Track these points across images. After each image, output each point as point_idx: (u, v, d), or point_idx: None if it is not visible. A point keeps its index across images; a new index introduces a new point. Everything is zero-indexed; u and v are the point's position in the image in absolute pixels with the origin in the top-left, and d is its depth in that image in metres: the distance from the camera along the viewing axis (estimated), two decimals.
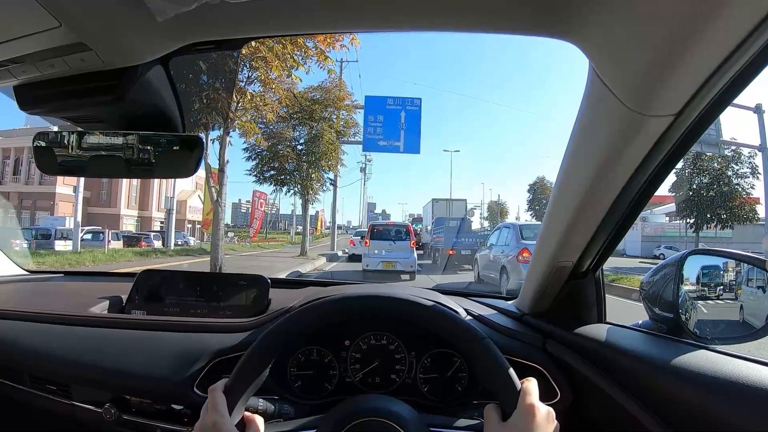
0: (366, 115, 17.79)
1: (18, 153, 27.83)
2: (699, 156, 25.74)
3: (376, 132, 17.72)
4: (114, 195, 30.76)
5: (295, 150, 16.29)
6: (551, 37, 0.56)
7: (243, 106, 9.12)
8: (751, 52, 0.46)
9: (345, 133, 17.37)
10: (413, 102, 18.12)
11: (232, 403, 0.64)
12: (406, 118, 17.79)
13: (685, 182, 25.51)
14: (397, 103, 17.99)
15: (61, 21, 0.54)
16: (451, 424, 0.73)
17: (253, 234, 25.30)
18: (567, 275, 0.92)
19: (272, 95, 9.71)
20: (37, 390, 1.03)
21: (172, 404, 0.94)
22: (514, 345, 0.94)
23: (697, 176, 25.95)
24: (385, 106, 17.89)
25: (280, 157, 15.95)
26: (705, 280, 0.83)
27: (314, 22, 0.62)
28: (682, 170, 25.61)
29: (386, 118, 17.72)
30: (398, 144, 17.82)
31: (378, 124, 17.73)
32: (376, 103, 17.93)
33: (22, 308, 1.12)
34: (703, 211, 24.19)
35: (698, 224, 24.84)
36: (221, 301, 1.17)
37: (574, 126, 0.69)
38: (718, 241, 22.50)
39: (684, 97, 0.53)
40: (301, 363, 0.97)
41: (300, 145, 16.46)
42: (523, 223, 10.39)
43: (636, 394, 0.73)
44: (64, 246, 16.45)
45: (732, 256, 0.83)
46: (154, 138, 0.77)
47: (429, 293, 1.09)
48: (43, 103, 0.72)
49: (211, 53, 0.82)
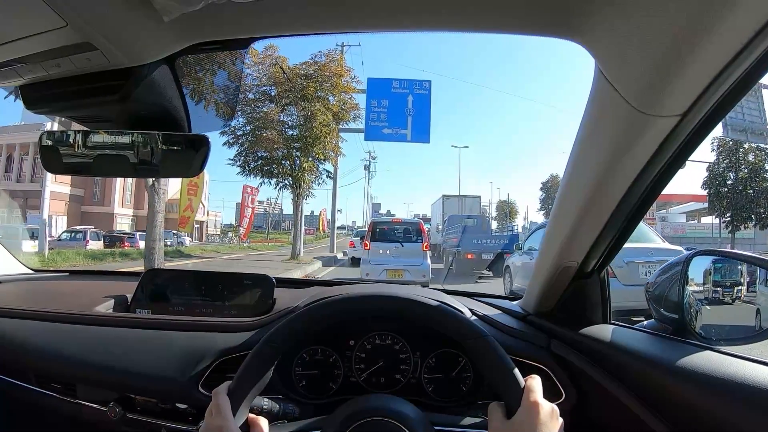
0: (368, 100, 15.87)
1: (9, 150, 27.34)
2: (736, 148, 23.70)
3: (380, 118, 15.84)
4: (107, 193, 29.98)
5: (284, 134, 14.08)
6: (557, 37, 0.56)
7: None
8: (757, 53, 0.46)
9: (343, 117, 15.14)
10: (422, 85, 16.14)
11: (236, 406, 0.65)
12: (414, 103, 15.97)
13: (719, 178, 23.77)
14: (403, 86, 16.06)
15: (68, 21, 0.54)
16: (456, 424, 0.74)
17: (243, 234, 23.23)
18: (572, 275, 0.91)
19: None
20: (42, 389, 1.03)
21: (176, 403, 0.94)
22: (518, 345, 0.94)
23: (733, 171, 24.07)
24: (390, 90, 16.00)
25: (264, 142, 13.66)
26: (711, 281, 0.83)
27: (321, 22, 0.62)
28: (716, 164, 23.95)
29: (391, 103, 15.91)
30: (405, 132, 15.90)
31: (382, 109, 15.86)
32: (379, 86, 16.00)
33: (27, 307, 1.13)
34: (741, 209, 22.55)
35: (734, 223, 23.08)
36: (226, 300, 1.17)
37: (580, 126, 0.69)
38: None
39: (690, 98, 0.53)
40: (306, 363, 0.97)
41: (290, 129, 14.30)
42: None
43: (640, 395, 0.74)
44: (33, 246, 14.55)
45: (739, 257, 0.84)
46: (159, 137, 0.77)
47: (433, 293, 1.10)
48: (49, 103, 0.72)
49: (217, 53, 0.79)
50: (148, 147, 0.76)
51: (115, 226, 27.68)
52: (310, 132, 13.47)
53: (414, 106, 15.77)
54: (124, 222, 30.20)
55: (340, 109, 14.66)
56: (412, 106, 15.77)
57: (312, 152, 13.90)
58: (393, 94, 15.81)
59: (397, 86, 15.89)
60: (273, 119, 13.98)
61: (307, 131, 13.52)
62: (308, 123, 13.51)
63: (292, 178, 14.29)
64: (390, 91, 15.82)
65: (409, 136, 15.75)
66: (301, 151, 13.90)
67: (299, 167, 14.10)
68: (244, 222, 22.19)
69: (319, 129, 13.45)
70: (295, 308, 1.00)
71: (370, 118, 15.70)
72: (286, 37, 0.68)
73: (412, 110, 15.74)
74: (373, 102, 15.76)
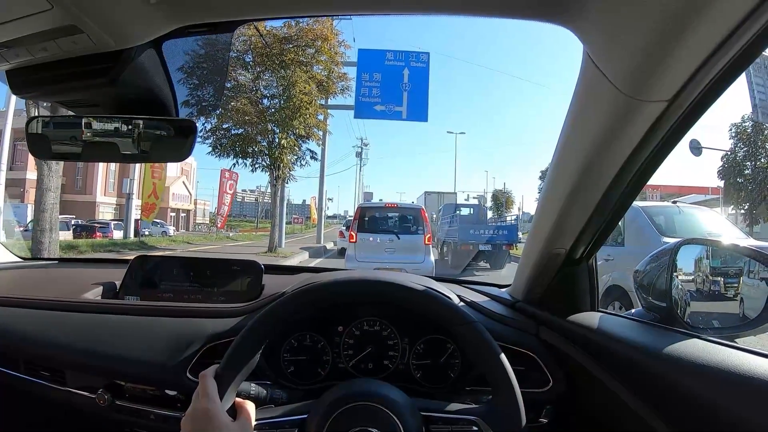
0: (359, 73, 14.13)
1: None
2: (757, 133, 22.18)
3: (372, 94, 14.17)
4: (90, 181, 28.36)
5: (260, 105, 12.02)
6: (546, 22, 0.56)
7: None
8: (743, 40, 0.47)
9: (329, 88, 12.97)
10: (419, 57, 14.48)
11: (223, 389, 0.65)
12: (410, 77, 14.31)
13: (737, 167, 22.49)
14: (398, 57, 14.40)
15: (53, 3, 0.53)
16: (443, 409, 0.73)
17: (221, 223, 20.90)
18: (560, 262, 0.92)
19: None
20: (31, 376, 1.03)
21: (165, 389, 0.94)
22: (507, 332, 0.95)
23: (752, 159, 22.77)
24: (383, 62, 14.34)
25: (234, 113, 11.45)
26: (698, 270, 0.83)
27: (311, 3, 0.62)
28: (733, 152, 22.57)
29: (385, 77, 14.25)
30: (400, 109, 14.24)
31: (374, 83, 14.19)
32: (372, 58, 14.30)
33: (15, 295, 1.12)
34: (760, 199, 21.35)
35: (753, 216, 21.82)
36: (215, 286, 1.17)
37: (568, 111, 0.70)
38: None
39: (678, 83, 0.54)
40: (294, 349, 0.97)
41: (266, 99, 12.24)
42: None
43: (628, 381, 0.74)
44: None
45: (726, 247, 0.85)
46: (147, 122, 0.76)
47: (422, 279, 1.10)
48: (36, 87, 0.71)
49: (204, 36, 0.75)
50: (136, 132, 0.76)
51: (97, 215, 26.72)
52: (289, 102, 11.47)
53: (410, 81, 14.17)
54: (107, 211, 29.03)
55: (325, 78, 12.67)
56: (409, 80, 14.18)
57: (292, 127, 11.83)
58: (387, 67, 14.17)
59: (391, 58, 14.27)
60: (244, 86, 12.04)
61: (286, 102, 11.58)
62: (287, 92, 11.55)
63: (269, 157, 12.26)
64: (383, 64, 14.19)
65: (405, 113, 14.12)
66: (279, 125, 11.84)
67: (277, 145, 12.06)
68: (222, 209, 20.05)
69: (298, 98, 11.41)
70: (283, 294, 0.98)
71: (360, 93, 13.99)
72: (274, 18, 0.69)
73: (408, 85, 14.16)
74: (364, 75, 14.07)
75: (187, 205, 36.47)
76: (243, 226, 42.50)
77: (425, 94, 14.16)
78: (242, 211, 76.41)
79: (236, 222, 50.54)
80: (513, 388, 0.68)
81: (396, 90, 14.00)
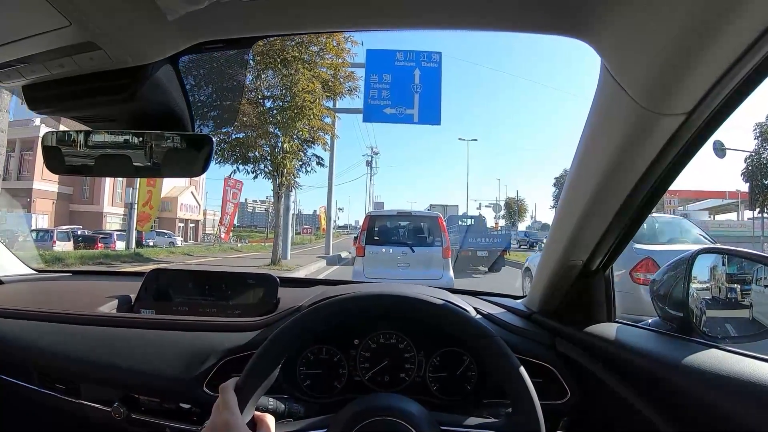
0: (368, 75, 13.34)
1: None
2: None
3: (382, 96, 13.40)
4: (97, 192, 28.09)
5: (260, 106, 11.11)
6: (564, 36, 0.56)
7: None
8: (763, 52, 0.46)
9: (336, 88, 11.87)
10: (431, 57, 13.71)
11: (243, 402, 0.65)
12: (422, 78, 13.55)
13: (762, 167, 21.54)
14: (409, 58, 13.64)
15: (71, 20, 0.54)
16: (461, 423, 0.72)
17: (225, 234, 20.43)
18: (577, 274, 0.91)
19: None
20: (46, 389, 1.03)
21: (181, 403, 0.95)
22: (523, 343, 0.95)
23: None
24: (393, 63, 13.58)
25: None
26: (715, 279, 0.82)
27: (324, 20, 0.62)
28: (758, 153, 21.62)
29: (395, 78, 13.51)
30: (411, 112, 13.47)
31: (384, 85, 13.43)
32: (381, 58, 13.51)
33: (30, 307, 1.13)
34: None
35: None
36: (230, 299, 1.16)
37: (586, 123, 0.69)
38: None
39: (697, 96, 0.53)
40: (311, 362, 0.97)
41: (267, 100, 11.31)
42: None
43: (646, 393, 0.74)
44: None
45: (743, 255, 0.82)
46: (163, 137, 0.77)
47: (439, 292, 1.09)
48: (52, 103, 0.71)
49: (220, 52, 0.75)
50: (151, 146, 0.76)
51: (104, 225, 26.34)
52: (292, 102, 10.56)
53: (422, 82, 13.41)
54: (115, 221, 28.42)
55: (331, 77, 11.67)
56: (420, 81, 13.41)
57: (295, 129, 10.89)
58: (397, 68, 13.43)
59: (401, 58, 13.51)
60: (245, 88, 10.30)
61: (288, 102, 10.70)
62: (289, 92, 10.68)
63: (271, 163, 11.36)
64: (393, 65, 13.44)
65: (416, 116, 13.36)
66: (281, 127, 10.90)
67: (280, 149, 11.20)
68: (225, 219, 19.53)
69: (301, 97, 10.45)
70: (299, 307, 1.00)
71: (369, 95, 13.18)
72: (289, 35, 0.86)
73: (419, 86, 13.40)
74: (373, 77, 13.31)
75: (196, 216, 36.18)
76: (253, 237, 42.07)
77: (437, 96, 13.48)
78: (253, 222, 76.37)
79: (246, 232, 50.24)
80: (533, 403, 0.67)
81: (407, 92, 13.34)
